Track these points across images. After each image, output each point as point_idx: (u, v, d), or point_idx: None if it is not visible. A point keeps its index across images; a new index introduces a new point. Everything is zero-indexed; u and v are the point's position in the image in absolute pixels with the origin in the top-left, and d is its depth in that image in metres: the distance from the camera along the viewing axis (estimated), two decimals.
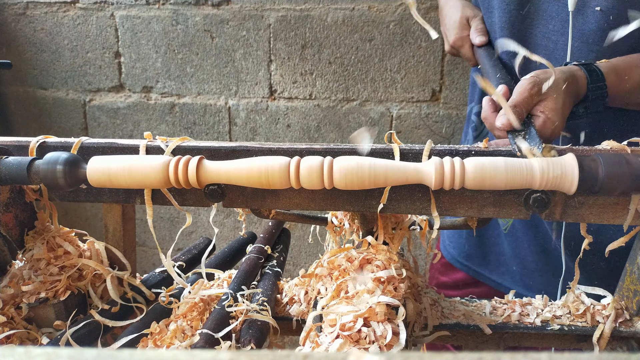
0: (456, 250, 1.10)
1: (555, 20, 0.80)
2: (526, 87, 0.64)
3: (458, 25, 0.95)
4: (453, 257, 1.10)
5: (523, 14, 0.83)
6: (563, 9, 0.78)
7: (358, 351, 0.22)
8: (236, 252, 0.83)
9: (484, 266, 1.06)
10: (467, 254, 1.08)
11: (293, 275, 0.91)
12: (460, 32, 0.94)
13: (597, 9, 0.74)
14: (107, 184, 0.56)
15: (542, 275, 0.97)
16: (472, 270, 1.07)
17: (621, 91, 0.71)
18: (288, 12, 1.48)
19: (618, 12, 0.73)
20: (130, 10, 1.57)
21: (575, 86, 0.68)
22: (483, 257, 1.06)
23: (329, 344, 0.48)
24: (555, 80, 0.64)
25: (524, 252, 0.98)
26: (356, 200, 0.58)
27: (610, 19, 0.73)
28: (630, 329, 0.63)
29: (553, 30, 0.80)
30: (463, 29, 0.94)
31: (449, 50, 0.99)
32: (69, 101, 1.73)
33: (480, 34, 0.91)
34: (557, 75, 0.65)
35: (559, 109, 0.63)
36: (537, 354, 0.22)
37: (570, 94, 0.67)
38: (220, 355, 0.21)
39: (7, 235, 0.64)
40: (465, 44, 0.94)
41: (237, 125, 1.64)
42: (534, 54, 0.54)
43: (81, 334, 0.60)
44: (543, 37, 0.82)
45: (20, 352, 0.21)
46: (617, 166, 0.49)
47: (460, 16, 0.95)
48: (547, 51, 0.83)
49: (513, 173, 0.50)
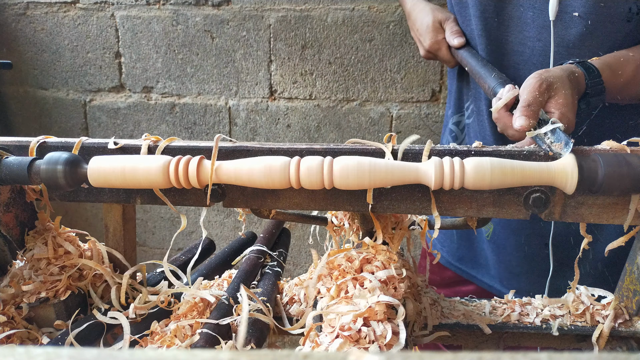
0: (448, 253, 1.10)
1: (530, 27, 0.80)
2: (535, 84, 0.64)
3: (432, 28, 0.95)
4: (445, 260, 1.11)
5: (498, 21, 0.84)
6: (539, 15, 0.78)
7: (358, 351, 0.22)
8: (236, 252, 0.83)
9: (475, 269, 1.07)
10: (459, 257, 1.08)
11: (293, 275, 0.91)
12: (435, 36, 0.94)
13: (574, 14, 0.75)
14: (107, 184, 0.56)
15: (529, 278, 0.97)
16: (464, 272, 1.08)
17: (616, 86, 0.72)
18: (288, 13, 1.48)
19: (596, 17, 0.74)
20: (130, 10, 1.57)
21: (576, 82, 0.68)
22: (474, 259, 1.06)
23: (329, 344, 0.48)
24: (561, 77, 0.65)
25: (508, 257, 0.99)
26: (356, 200, 0.58)
27: (589, 24, 0.75)
28: (629, 329, 0.63)
29: (529, 36, 0.81)
30: (437, 32, 0.95)
31: (424, 55, 0.99)
32: (69, 101, 1.73)
33: (457, 35, 0.92)
34: (560, 73, 0.66)
35: (571, 104, 0.63)
36: (537, 354, 0.22)
37: (575, 89, 0.67)
38: (220, 355, 0.21)
39: (7, 235, 0.64)
40: (442, 47, 0.95)
41: (238, 126, 1.64)
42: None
43: (82, 333, 0.60)
44: (519, 44, 0.83)
45: (20, 351, 0.21)
46: (617, 166, 0.49)
47: (433, 20, 0.95)
48: (523, 57, 0.84)
49: (512, 173, 0.50)
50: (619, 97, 0.76)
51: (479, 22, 0.86)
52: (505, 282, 1.01)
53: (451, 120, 1.04)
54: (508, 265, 0.99)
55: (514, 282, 1.00)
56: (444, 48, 0.94)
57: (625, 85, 0.73)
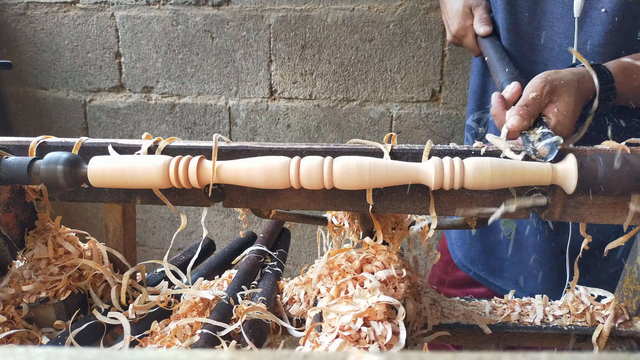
0: (462, 254, 1.09)
1: (560, 22, 0.79)
2: (538, 85, 0.63)
3: (461, 13, 0.92)
4: (459, 260, 1.10)
5: (529, 16, 0.82)
6: (568, 11, 0.77)
7: (358, 351, 0.22)
8: (236, 252, 0.83)
9: (487, 271, 1.05)
10: (472, 259, 1.07)
11: (293, 275, 0.91)
12: (464, 21, 0.92)
13: (602, 10, 0.73)
14: (107, 184, 0.56)
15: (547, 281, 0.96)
16: (476, 275, 1.07)
17: (630, 90, 0.71)
18: (288, 13, 1.48)
19: (623, 13, 0.73)
20: (130, 10, 1.57)
21: (585, 87, 0.67)
22: (487, 262, 1.05)
23: (329, 344, 0.48)
24: (568, 81, 0.63)
25: (526, 257, 0.97)
26: (356, 200, 0.58)
27: (615, 21, 0.73)
28: (629, 329, 0.63)
29: (558, 32, 0.80)
30: (466, 17, 0.92)
31: (451, 40, 0.96)
32: (69, 101, 1.73)
33: (485, 23, 0.89)
34: (569, 77, 0.64)
35: (571, 111, 0.62)
36: (537, 354, 0.22)
37: (582, 96, 0.66)
38: (220, 355, 0.21)
39: (7, 235, 0.64)
40: (468, 34, 0.92)
41: (238, 126, 1.64)
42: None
43: (82, 333, 0.60)
44: (549, 40, 0.81)
45: (20, 351, 0.21)
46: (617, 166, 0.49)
47: (464, 4, 0.92)
48: (552, 53, 0.82)
49: (512, 173, 0.50)
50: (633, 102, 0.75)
51: (509, 16, 0.84)
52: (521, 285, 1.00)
53: (471, 117, 1.02)
54: (526, 266, 0.98)
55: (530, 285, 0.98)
56: (471, 35, 0.91)
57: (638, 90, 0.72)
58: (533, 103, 0.62)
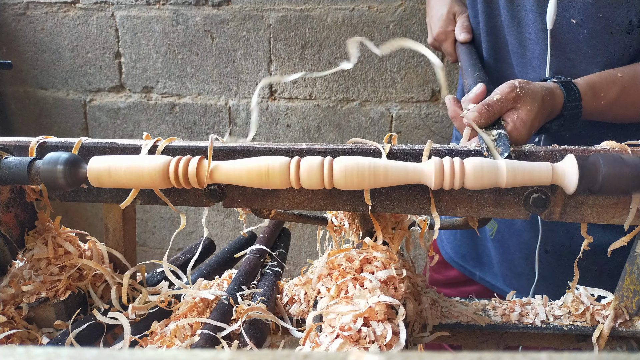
0: (453, 250, 1.10)
1: (531, 29, 0.80)
2: (505, 90, 0.63)
3: (444, 18, 0.95)
4: (449, 257, 1.11)
5: (503, 19, 0.84)
6: (538, 18, 0.78)
7: (358, 351, 0.22)
8: (236, 252, 0.83)
9: (478, 267, 1.06)
10: (463, 255, 1.08)
11: (293, 275, 0.91)
12: (445, 26, 0.94)
13: (572, 20, 0.74)
14: (107, 184, 0.56)
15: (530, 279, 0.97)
16: (467, 270, 1.08)
17: (596, 109, 0.71)
18: (288, 13, 1.48)
19: (593, 26, 0.73)
20: (130, 10, 1.57)
21: (552, 103, 0.67)
22: (477, 258, 1.06)
23: (329, 344, 0.48)
24: (535, 93, 0.64)
25: (510, 256, 0.99)
26: (356, 200, 0.58)
27: (586, 32, 0.74)
28: (629, 329, 0.63)
29: (529, 38, 0.81)
30: (449, 23, 0.94)
31: (431, 42, 0.99)
32: (69, 101, 1.73)
33: (465, 31, 0.91)
34: (538, 90, 0.65)
35: (529, 121, 0.62)
36: (537, 354, 0.22)
37: (545, 110, 0.66)
38: (220, 355, 0.21)
39: (7, 235, 0.64)
40: (448, 39, 0.94)
41: (237, 126, 1.64)
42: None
43: (82, 334, 0.60)
44: (519, 45, 0.83)
45: (20, 352, 0.21)
46: (617, 166, 0.49)
47: (448, 10, 0.95)
48: (523, 59, 0.83)
49: (513, 172, 0.50)
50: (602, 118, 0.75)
51: (488, 19, 0.86)
52: (507, 282, 1.01)
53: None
54: (510, 264, 0.99)
55: (515, 282, 1.00)
56: (450, 41, 0.94)
57: (606, 108, 0.72)
58: (495, 104, 0.62)
